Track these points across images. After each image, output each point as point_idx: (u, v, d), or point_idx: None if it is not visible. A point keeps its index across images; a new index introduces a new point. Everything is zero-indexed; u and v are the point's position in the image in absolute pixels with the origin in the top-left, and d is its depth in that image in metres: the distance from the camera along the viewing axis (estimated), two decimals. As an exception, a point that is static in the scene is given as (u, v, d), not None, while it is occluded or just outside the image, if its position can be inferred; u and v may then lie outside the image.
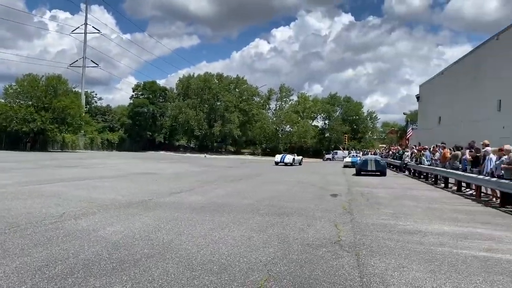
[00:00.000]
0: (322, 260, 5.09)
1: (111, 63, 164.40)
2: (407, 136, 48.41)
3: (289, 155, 40.53)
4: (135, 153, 60.77)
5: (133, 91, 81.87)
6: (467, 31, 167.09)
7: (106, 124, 76.80)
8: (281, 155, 39.55)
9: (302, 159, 42.93)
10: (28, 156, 34.49)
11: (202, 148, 78.38)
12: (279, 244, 5.91)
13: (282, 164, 36.91)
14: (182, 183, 15.17)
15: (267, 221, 7.75)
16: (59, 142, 55.49)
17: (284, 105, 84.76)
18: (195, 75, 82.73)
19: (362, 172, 23.62)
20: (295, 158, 39.39)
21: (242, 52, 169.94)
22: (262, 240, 6.13)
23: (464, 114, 31.63)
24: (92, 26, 70.68)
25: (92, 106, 79.93)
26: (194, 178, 17.94)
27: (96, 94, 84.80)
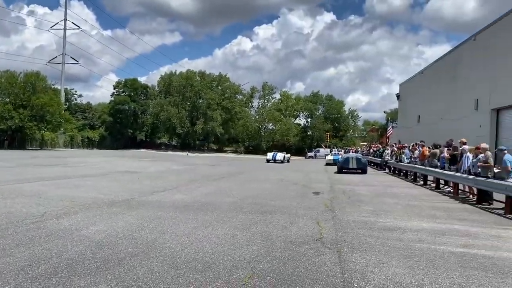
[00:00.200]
0: (304, 257, 5.19)
1: (91, 60, 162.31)
2: (387, 134, 49.10)
3: (280, 153, 42.48)
4: (116, 151, 60.08)
5: (114, 89, 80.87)
6: (446, 31, 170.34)
7: (87, 122, 75.71)
8: (272, 153, 41.98)
9: (290, 156, 45.10)
10: (5, 154, 33.77)
11: (184, 146, 77.88)
12: (262, 241, 5.99)
13: (273, 161, 39.06)
14: (165, 182, 15.13)
15: (250, 219, 7.83)
16: (38, 140, 54.46)
17: (266, 103, 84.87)
18: (177, 72, 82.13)
19: (344, 170, 23.91)
20: (285, 156, 41.80)
21: (225, 50, 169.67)
22: (245, 238, 6.20)
23: (443, 113, 32.24)
24: (72, 22, 69.97)
25: (72, 103, 78.56)
26: (177, 177, 17.89)
27: (76, 91, 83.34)
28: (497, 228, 7.83)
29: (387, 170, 26.89)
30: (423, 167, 17.34)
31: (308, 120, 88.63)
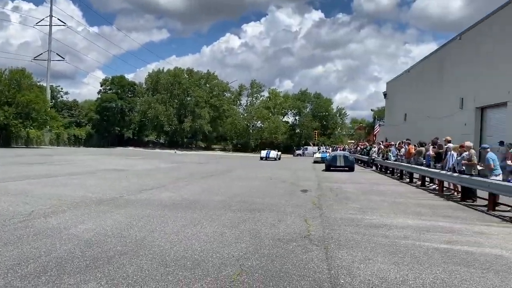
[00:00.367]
0: (292, 254, 5.28)
1: (77, 57, 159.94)
2: (374, 132, 49.59)
3: (273, 151, 45.14)
4: (103, 149, 59.63)
5: (101, 86, 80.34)
6: (433, 29, 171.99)
7: (73, 119, 75.05)
8: (266, 151, 44.26)
9: (281, 154, 47.60)
10: (-10, 152, 33.28)
11: (172, 144, 77.59)
12: (251, 239, 6.06)
13: (265, 159, 41.15)
14: (153, 180, 15.10)
15: (239, 217, 7.89)
16: (23, 138, 53.80)
17: (255, 101, 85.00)
18: (165, 69, 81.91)
19: (332, 168, 24.09)
20: (277, 153, 44.45)
21: (213, 47, 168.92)
22: (234, 235, 6.27)
23: (429, 111, 32.70)
24: (58, 18, 68.94)
25: (58, 100, 77.83)
26: (165, 175, 17.87)
27: (62, 89, 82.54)
28: (480, 224, 8.02)
29: (374, 168, 27.16)
30: (409, 165, 17.58)
31: (296, 118, 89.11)
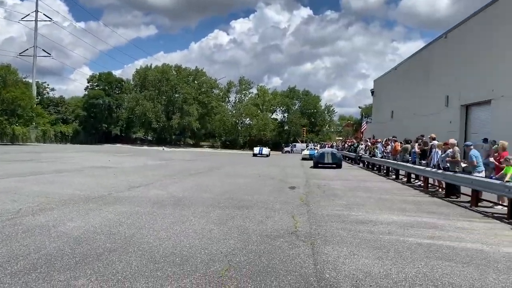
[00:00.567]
0: (279, 250, 5.39)
1: (64, 53, 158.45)
2: (362, 129, 50.00)
3: (265, 148, 48.69)
4: (91, 146, 59.16)
5: (88, 82, 79.49)
6: (420, 27, 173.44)
7: (59, 116, 74.11)
8: (258, 148, 47.69)
9: (270, 151, 50.10)
10: (-25, 149, 32.82)
11: (160, 141, 77.25)
12: (239, 235, 6.15)
13: (260, 155, 43.93)
14: (141, 177, 15.09)
15: (227, 214, 7.98)
16: (8, 135, 53.05)
17: (243, 97, 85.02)
18: (153, 66, 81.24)
19: (320, 165, 24.30)
20: (268, 150, 47.94)
21: (201, 43, 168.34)
22: (222, 232, 6.36)
23: (415, 108, 33.09)
24: (43, 14, 67.92)
25: (44, 97, 76.71)
26: (153, 172, 17.85)
27: (48, 85, 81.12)
28: (462, 220, 8.23)
29: (361, 165, 27.44)
30: (395, 161, 17.84)
31: (285, 115, 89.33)
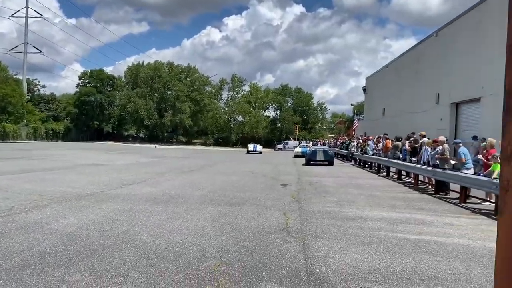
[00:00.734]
0: (271, 246, 5.49)
1: (54, 49, 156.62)
2: (353, 127, 50.23)
3: (258, 145, 52.74)
4: (82, 143, 58.85)
5: (79, 79, 79.03)
6: (412, 25, 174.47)
7: (50, 113, 73.52)
8: (252, 145, 51.93)
9: (262, 148, 53.69)
10: (-35, 147, 32.53)
11: (152, 138, 77.01)
12: (231, 232, 6.24)
13: (253, 152, 47.76)
14: (134, 175, 15.12)
15: (219, 211, 8.06)
16: (-1, 132, 52.67)
17: (236, 95, 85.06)
18: (145, 63, 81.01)
19: (312, 162, 24.44)
20: (261, 147, 52.25)
21: (194, 40, 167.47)
22: (215, 229, 6.44)
23: (406, 106, 33.36)
24: (34, 10, 67.37)
25: (35, 94, 76.11)
26: (146, 169, 17.87)
27: (39, 82, 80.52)
28: (451, 216, 8.38)
29: (353, 162, 27.62)
30: (386, 159, 18.01)
31: (277, 112, 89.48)
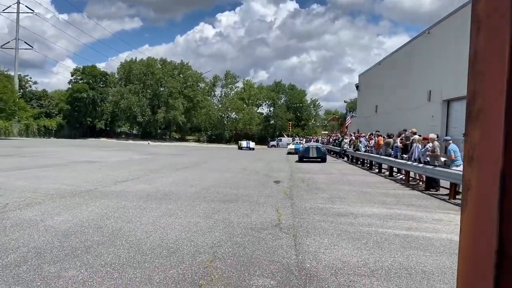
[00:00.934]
0: (263, 242, 5.60)
1: (46, 45, 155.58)
2: (346, 124, 50.47)
3: (251, 142, 53.46)
4: (75, 140, 58.55)
5: (71, 76, 78.24)
6: (405, 21, 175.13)
7: (43, 110, 72.92)
8: (245, 142, 52.57)
9: (254, 145, 54.37)
10: (-44, 144, 32.28)
11: (145, 135, 76.72)
12: (224, 228, 6.34)
13: (246, 148, 48.67)
14: (127, 172, 15.15)
15: (213, 207, 8.16)
16: (-10, 129, 52.31)
17: (229, 92, 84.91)
18: (138, 59, 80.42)
19: (305, 159, 24.59)
20: (254, 144, 53.05)
21: (187, 36, 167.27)
22: (208, 225, 6.54)
23: (398, 103, 33.58)
24: (25, 5, 66.82)
25: (27, 90, 75.40)
26: (139, 167, 17.89)
27: (30, 78, 79.79)
28: (440, 212, 8.55)
29: (345, 159, 27.83)
30: (378, 155, 18.19)
31: (271, 109, 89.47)
